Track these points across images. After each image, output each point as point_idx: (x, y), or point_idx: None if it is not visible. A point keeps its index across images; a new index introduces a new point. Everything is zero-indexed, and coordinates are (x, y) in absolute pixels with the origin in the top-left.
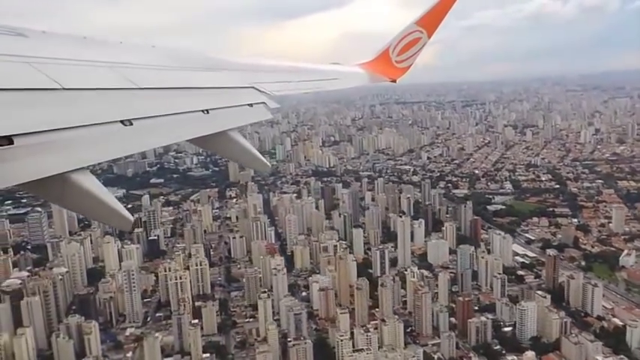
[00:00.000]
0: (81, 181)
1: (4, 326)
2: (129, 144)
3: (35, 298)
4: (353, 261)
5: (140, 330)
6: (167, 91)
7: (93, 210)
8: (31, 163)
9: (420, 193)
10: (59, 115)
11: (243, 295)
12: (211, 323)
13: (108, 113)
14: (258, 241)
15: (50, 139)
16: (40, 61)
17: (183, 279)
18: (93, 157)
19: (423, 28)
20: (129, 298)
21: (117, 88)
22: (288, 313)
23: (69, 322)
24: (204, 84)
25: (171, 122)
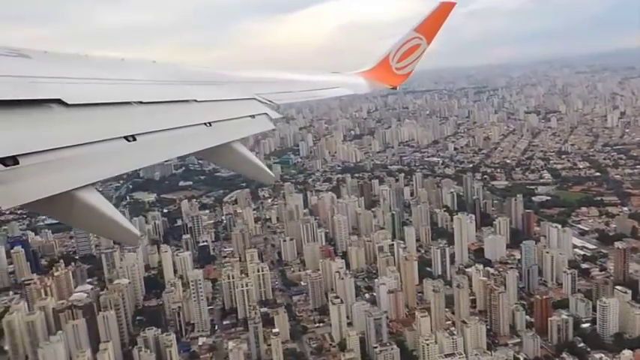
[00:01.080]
0: (87, 198)
1: (83, 342)
2: (133, 159)
3: (111, 312)
4: (415, 261)
5: (211, 339)
6: (169, 105)
7: (100, 226)
8: (37, 182)
9: (457, 186)
10: (63, 133)
11: (305, 299)
12: (284, 330)
13: (111, 129)
14: (312, 244)
15: (55, 158)
16: (43, 81)
17: (249, 286)
18: (98, 174)
19: (422, 34)
20: (196, 307)
21: (120, 104)
22: (368, 317)
23: (147, 335)
24: (206, 97)
25: (174, 136)
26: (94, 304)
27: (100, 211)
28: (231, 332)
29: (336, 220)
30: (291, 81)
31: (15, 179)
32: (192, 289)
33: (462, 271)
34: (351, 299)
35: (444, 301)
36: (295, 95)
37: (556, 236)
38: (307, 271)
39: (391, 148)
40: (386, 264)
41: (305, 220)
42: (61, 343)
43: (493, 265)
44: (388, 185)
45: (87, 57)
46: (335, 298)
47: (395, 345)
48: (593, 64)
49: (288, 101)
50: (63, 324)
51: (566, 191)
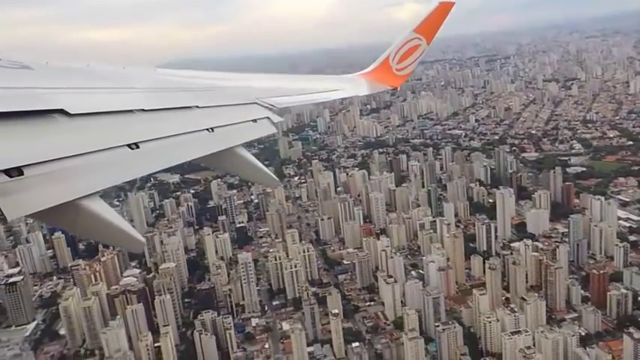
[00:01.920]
0: (92, 207)
1: (142, 327)
2: (136, 167)
3: (167, 297)
4: (457, 237)
5: (263, 320)
6: (171, 112)
7: (105, 235)
8: (42, 192)
9: (487, 159)
10: (67, 143)
11: (351, 278)
12: (338, 309)
13: (114, 138)
14: (351, 223)
15: (59, 168)
16: (45, 92)
17: (298, 267)
18: (102, 182)
19: (421, 35)
20: (246, 288)
21: (122, 112)
22: (426, 296)
23: (204, 318)
24: (208, 102)
25: (177, 142)
26: (147, 288)
27: (104, 219)
28: (282, 313)
29: (373, 197)
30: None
31: (20, 190)
32: (242, 271)
33: (507, 247)
34: (401, 278)
35: (500, 278)
36: (296, 99)
37: (599, 208)
38: (348, 250)
39: (411, 122)
40: (430, 241)
41: (342, 198)
42: (122, 328)
43: (538, 240)
44: (417, 160)
45: (88, 66)
46: (389, 278)
47: (457, 323)
48: (604, 27)
49: (289, 105)
50: (119, 309)
51: (600, 161)
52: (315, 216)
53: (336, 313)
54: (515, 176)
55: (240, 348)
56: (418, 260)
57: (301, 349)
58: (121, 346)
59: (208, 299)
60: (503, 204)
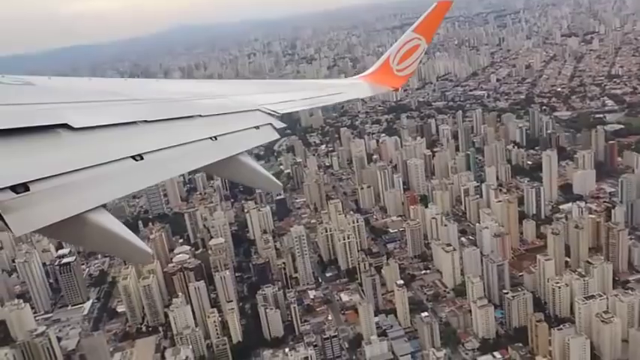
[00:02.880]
0: (98, 220)
1: (205, 303)
2: (141, 178)
3: (226, 273)
4: (512, 203)
5: (319, 292)
6: (174, 122)
7: (113, 247)
8: (48, 207)
9: (517, 120)
10: (72, 157)
11: (400, 246)
12: (395, 279)
13: (118, 150)
14: (393, 190)
15: (64, 182)
16: (49, 107)
17: (351, 238)
18: (107, 195)
19: (420, 35)
20: (300, 261)
21: (126, 124)
22: (490, 264)
23: (265, 293)
24: (210, 111)
25: (180, 152)
26: (203, 265)
27: (111, 232)
28: (337, 284)
29: (412, 164)
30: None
31: (26, 206)
32: (295, 243)
33: (557, 210)
34: (455, 245)
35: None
36: (298, 104)
37: None
38: (392, 219)
39: (430, 84)
40: (477, 207)
41: (382, 166)
42: (188, 306)
43: (586, 201)
44: (447, 124)
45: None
46: (447, 246)
47: (526, 290)
48: None
49: (291, 110)
50: (178, 286)
51: (636, 117)
52: (351, 185)
53: (401, 284)
54: (555, 137)
55: (303, 321)
56: (465, 226)
57: (369, 321)
58: (188, 322)
59: (262, 273)
60: (550, 166)
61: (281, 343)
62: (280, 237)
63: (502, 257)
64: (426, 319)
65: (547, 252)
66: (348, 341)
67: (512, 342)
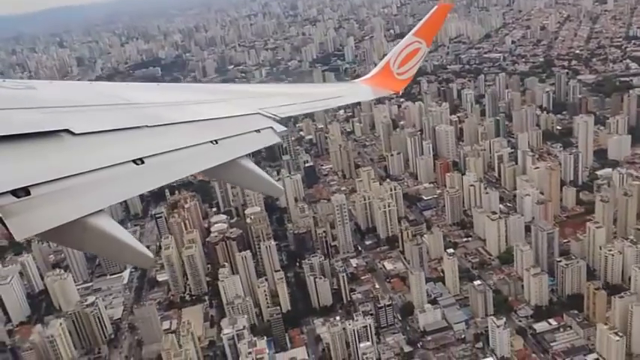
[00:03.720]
0: (99, 224)
1: (251, 273)
2: (142, 182)
3: (271, 242)
4: (554, 170)
5: (361, 260)
6: (175, 126)
7: (114, 251)
8: (49, 211)
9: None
10: (72, 161)
11: (437, 214)
12: (438, 247)
13: (119, 154)
14: (425, 157)
15: (65, 186)
16: (50, 111)
17: (392, 206)
18: (108, 199)
19: (421, 38)
20: (341, 230)
21: (126, 128)
22: (540, 232)
23: (312, 262)
24: (211, 115)
25: (181, 156)
26: (244, 234)
27: (112, 236)
28: (377, 252)
29: (442, 130)
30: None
31: (27, 210)
32: (336, 212)
33: (594, 176)
34: (497, 212)
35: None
36: (299, 107)
37: None
38: (424, 185)
39: (443, 47)
40: (513, 173)
41: (412, 132)
42: (237, 276)
43: (622, 166)
44: (468, 88)
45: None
46: (493, 214)
47: (580, 258)
48: None
49: (292, 114)
50: (222, 255)
51: None
52: (376, 151)
53: (452, 252)
54: (585, 101)
55: (350, 289)
56: (500, 193)
57: (420, 289)
58: (237, 292)
59: (302, 242)
60: (586, 131)
61: (330, 311)
62: (312, 205)
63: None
64: (479, 287)
65: (594, 219)
66: (398, 310)
67: (567, 309)
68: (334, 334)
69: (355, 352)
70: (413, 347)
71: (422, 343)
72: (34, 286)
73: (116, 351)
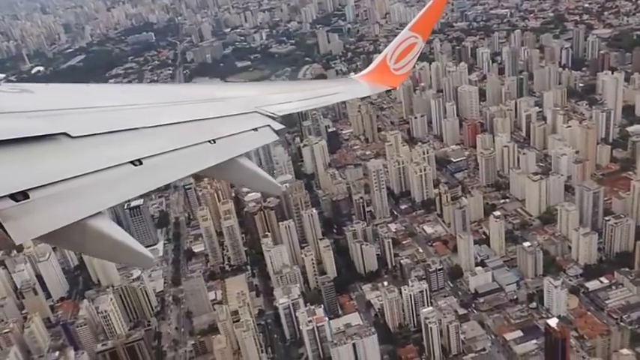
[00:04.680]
0: (98, 226)
1: (294, 242)
2: (141, 183)
3: (313, 210)
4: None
5: (399, 225)
6: (173, 127)
7: (114, 253)
8: (48, 214)
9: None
10: (71, 164)
11: (469, 175)
12: (479, 209)
13: (117, 156)
14: (452, 119)
15: (64, 189)
16: (47, 114)
17: (427, 170)
18: (107, 200)
19: (417, 33)
20: (377, 195)
21: (124, 130)
22: (586, 191)
23: (355, 228)
24: (208, 114)
25: (179, 156)
26: (283, 204)
27: (112, 238)
28: (414, 216)
29: (464, 91)
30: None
31: (26, 213)
32: (373, 177)
33: (625, 133)
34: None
35: None
36: (296, 105)
37: None
38: (452, 147)
39: (448, 4)
40: (543, 133)
41: (435, 94)
42: (284, 245)
43: None
44: (481, 46)
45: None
46: (534, 174)
47: (629, 217)
48: None
49: (289, 112)
50: (261, 225)
51: None
52: (395, 114)
53: (498, 215)
54: (607, 57)
55: (394, 254)
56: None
57: (469, 252)
58: (284, 261)
59: (337, 208)
60: (616, 88)
61: (376, 277)
62: (340, 170)
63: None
64: (529, 248)
65: (630, 176)
66: (446, 273)
67: (616, 267)
68: (391, 300)
69: (411, 317)
70: (467, 310)
71: (475, 305)
72: (69, 261)
73: (164, 323)
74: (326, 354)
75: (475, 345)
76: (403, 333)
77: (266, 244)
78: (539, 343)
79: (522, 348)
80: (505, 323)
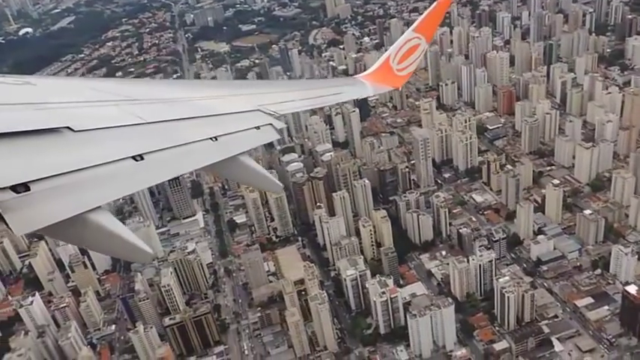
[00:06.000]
0: (98, 220)
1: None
2: (141, 179)
3: (366, 180)
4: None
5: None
6: (175, 123)
7: (113, 248)
8: (48, 207)
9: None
10: (72, 158)
11: (508, 143)
12: (528, 176)
13: (119, 150)
14: (485, 86)
15: (65, 182)
16: (49, 107)
17: (472, 139)
18: (107, 195)
19: (421, 34)
20: (423, 164)
21: (126, 125)
22: None
23: (408, 198)
24: (211, 111)
25: (181, 153)
26: (331, 174)
27: (112, 232)
28: (458, 184)
29: (494, 57)
30: (293, 89)
31: (26, 205)
32: (420, 146)
33: None
34: (579, 139)
35: None
36: (299, 104)
37: None
38: (486, 115)
39: None
40: (581, 99)
41: (467, 61)
42: (340, 217)
43: None
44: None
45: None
46: (586, 142)
47: None
48: None
49: (291, 110)
50: (309, 196)
51: None
52: (420, 80)
53: (557, 183)
54: (635, 21)
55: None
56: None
57: (528, 220)
58: (341, 232)
59: (383, 178)
60: None
61: (431, 246)
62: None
63: (626, 149)
64: (590, 216)
65: None
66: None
67: None
68: (461, 270)
69: (479, 286)
70: (532, 277)
71: (539, 273)
72: None
73: (220, 295)
74: (396, 324)
75: (547, 312)
76: (471, 302)
77: (320, 215)
78: (612, 309)
79: (595, 314)
80: (574, 290)
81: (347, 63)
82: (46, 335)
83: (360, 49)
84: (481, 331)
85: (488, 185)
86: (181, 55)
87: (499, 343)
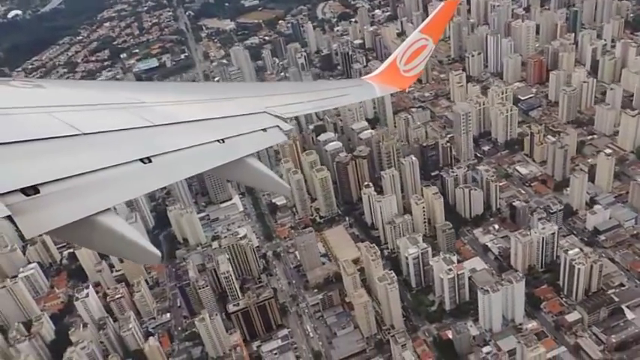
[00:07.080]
0: (107, 222)
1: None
2: (149, 181)
3: (412, 157)
4: None
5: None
6: (182, 125)
7: (122, 250)
8: (58, 209)
9: None
10: (81, 160)
11: (544, 113)
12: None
13: (127, 153)
14: (514, 57)
15: (74, 185)
16: (59, 110)
17: (513, 110)
18: (116, 197)
19: (428, 35)
20: (464, 138)
21: (134, 127)
22: None
23: (456, 173)
24: (218, 114)
25: (188, 155)
26: (374, 152)
27: (120, 234)
28: (498, 157)
29: (520, 26)
30: (300, 91)
31: (36, 208)
32: (462, 120)
33: None
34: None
35: None
36: (306, 106)
37: None
38: (517, 85)
39: None
40: (614, 66)
41: (493, 31)
42: (393, 196)
43: None
44: None
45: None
46: (632, 109)
47: None
48: None
49: (298, 113)
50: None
51: None
52: (441, 52)
53: (609, 152)
54: None
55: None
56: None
57: (582, 191)
58: (393, 211)
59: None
60: None
61: (482, 220)
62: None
63: None
64: None
65: None
66: None
67: None
68: (525, 243)
69: (540, 259)
70: (592, 247)
71: (598, 242)
72: (147, 222)
73: (273, 279)
74: (461, 300)
75: (612, 281)
76: (534, 274)
77: (369, 194)
78: None
79: None
80: (636, 258)
81: (363, 37)
82: (107, 327)
83: (372, 22)
84: (548, 303)
85: (531, 157)
86: (186, 34)
87: (570, 315)
